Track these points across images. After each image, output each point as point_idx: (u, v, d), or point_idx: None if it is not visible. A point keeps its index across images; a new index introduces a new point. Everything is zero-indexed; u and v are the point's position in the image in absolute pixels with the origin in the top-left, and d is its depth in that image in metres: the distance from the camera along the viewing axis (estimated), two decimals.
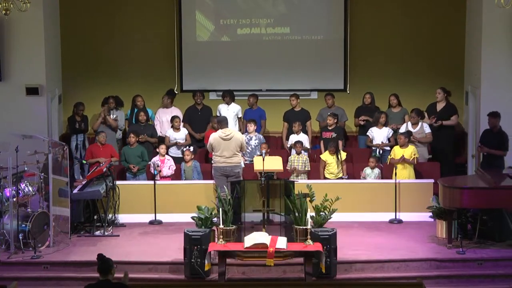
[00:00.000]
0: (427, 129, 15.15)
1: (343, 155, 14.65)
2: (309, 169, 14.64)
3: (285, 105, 16.21)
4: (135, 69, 17.22)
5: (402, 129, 15.18)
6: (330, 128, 15.31)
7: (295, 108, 15.94)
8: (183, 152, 14.78)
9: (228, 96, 16.03)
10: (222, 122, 13.87)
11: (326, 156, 14.66)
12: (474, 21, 15.79)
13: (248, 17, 17.14)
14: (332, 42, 17.12)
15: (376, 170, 14.53)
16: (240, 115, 16.03)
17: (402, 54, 17.11)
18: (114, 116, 15.82)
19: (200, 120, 15.96)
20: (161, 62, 17.26)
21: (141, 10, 17.15)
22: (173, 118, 15.46)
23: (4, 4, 12.11)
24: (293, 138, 15.30)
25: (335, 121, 15.29)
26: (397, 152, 14.46)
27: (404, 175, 14.29)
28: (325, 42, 17.13)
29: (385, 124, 15.34)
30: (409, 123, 15.18)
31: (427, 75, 16.99)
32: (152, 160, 14.55)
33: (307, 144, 15.28)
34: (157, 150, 14.74)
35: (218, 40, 17.25)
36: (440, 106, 15.37)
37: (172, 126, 15.46)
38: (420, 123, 15.14)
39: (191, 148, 14.71)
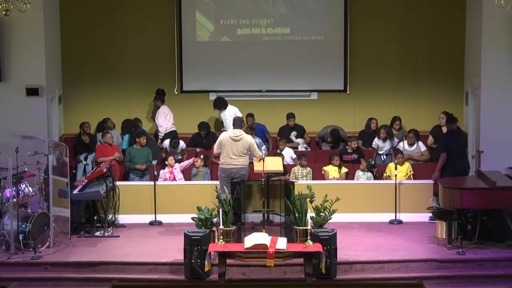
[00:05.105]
0: (423, 147, 15.45)
1: (344, 169, 14.73)
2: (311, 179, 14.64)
3: (285, 106, 16.24)
4: (135, 69, 17.19)
5: (399, 147, 15.39)
6: (350, 151, 15.35)
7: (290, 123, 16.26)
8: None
9: (217, 106, 16.19)
10: (236, 122, 13.73)
11: (329, 168, 14.77)
12: (474, 21, 15.77)
13: (248, 18, 17.10)
14: (332, 42, 17.09)
15: (368, 174, 14.60)
16: (239, 114, 15.96)
17: (402, 54, 17.08)
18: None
19: (206, 147, 16.01)
20: (161, 63, 17.23)
21: (141, 10, 17.11)
22: (172, 140, 15.53)
23: (4, 5, 12.10)
24: (287, 151, 15.42)
25: (356, 143, 15.43)
26: (392, 168, 14.43)
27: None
28: (325, 43, 17.11)
29: (386, 138, 15.47)
30: (405, 142, 15.41)
31: (427, 75, 16.98)
32: (160, 172, 14.56)
33: (287, 158, 15.25)
34: (166, 162, 14.73)
35: (218, 41, 17.22)
36: (445, 129, 15.30)
37: (170, 145, 15.55)
38: (416, 143, 15.34)
39: (201, 156, 14.88)
